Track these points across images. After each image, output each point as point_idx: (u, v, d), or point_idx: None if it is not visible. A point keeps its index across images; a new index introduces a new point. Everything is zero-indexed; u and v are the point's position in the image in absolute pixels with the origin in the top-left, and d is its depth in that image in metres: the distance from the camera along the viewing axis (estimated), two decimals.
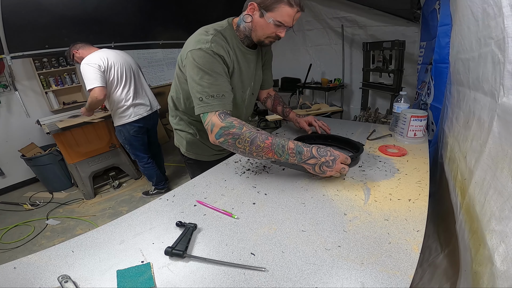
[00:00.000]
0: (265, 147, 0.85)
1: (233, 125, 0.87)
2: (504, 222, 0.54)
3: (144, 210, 0.83)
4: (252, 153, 0.87)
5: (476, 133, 0.76)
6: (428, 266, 0.95)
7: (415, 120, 1.18)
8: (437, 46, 1.27)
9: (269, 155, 0.87)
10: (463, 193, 0.80)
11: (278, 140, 0.86)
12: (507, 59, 0.59)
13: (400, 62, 2.82)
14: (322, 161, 0.84)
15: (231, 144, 0.88)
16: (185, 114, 1.22)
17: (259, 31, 0.96)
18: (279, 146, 0.85)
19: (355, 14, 3.28)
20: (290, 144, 0.86)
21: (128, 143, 2.41)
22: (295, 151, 0.85)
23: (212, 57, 0.91)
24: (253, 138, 0.85)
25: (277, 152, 0.86)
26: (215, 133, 0.88)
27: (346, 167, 0.85)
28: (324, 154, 0.84)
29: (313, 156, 0.84)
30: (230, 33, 1.01)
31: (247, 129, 0.86)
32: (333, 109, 2.93)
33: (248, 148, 0.86)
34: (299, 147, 0.86)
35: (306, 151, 0.85)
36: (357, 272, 0.56)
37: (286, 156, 0.86)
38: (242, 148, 0.87)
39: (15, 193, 3.13)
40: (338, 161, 0.84)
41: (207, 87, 0.89)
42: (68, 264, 0.63)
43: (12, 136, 3.08)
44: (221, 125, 0.87)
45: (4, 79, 2.93)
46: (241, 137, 0.86)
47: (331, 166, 0.84)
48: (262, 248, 0.65)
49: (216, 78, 0.91)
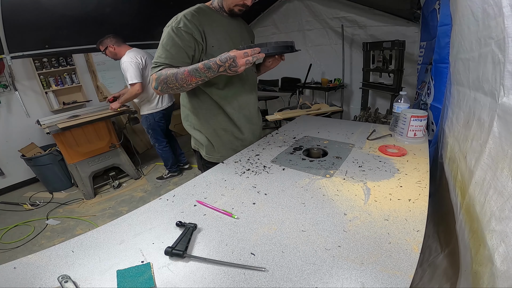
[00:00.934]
0: (186, 76, 0.99)
1: (161, 73, 1.03)
2: (504, 222, 0.54)
3: (144, 210, 0.83)
4: (182, 85, 1.02)
5: (476, 133, 0.76)
6: (428, 266, 0.95)
7: (415, 120, 1.18)
8: (437, 46, 1.27)
9: (193, 80, 1.00)
10: (463, 193, 0.80)
11: (192, 67, 0.99)
12: (507, 59, 0.59)
13: (400, 62, 2.82)
14: (227, 65, 0.94)
15: (166, 88, 1.04)
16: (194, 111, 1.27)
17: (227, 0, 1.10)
18: (194, 70, 0.98)
19: (355, 14, 3.27)
20: (200, 65, 0.98)
21: (152, 128, 2.78)
22: (205, 68, 0.97)
23: (169, 33, 1.04)
24: (175, 74, 1.00)
25: (195, 75, 0.98)
26: (153, 85, 1.06)
27: (250, 58, 0.93)
28: (225, 60, 0.94)
29: (220, 65, 0.95)
30: (205, 7, 1.15)
31: (171, 71, 1.01)
32: (333, 109, 2.92)
33: (177, 83, 1.01)
34: (207, 64, 0.96)
35: (213, 64, 0.95)
36: (357, 272, 0.56)
37: (203, 75, 0.98)
38: (173, 86, 1.02)
39: (15, 193, 3.13)
40: (238, 59, 0.93)
41: (156, 58, 1.07)
42: (68, 264, 0.63)
43: (12, 136, 3.08)
44: (155, 77, 1.04)
45: (4, 79, 2.93)
46: (168, 78, 1.01)
47: (236, 66, 0.93)
48: (262, 248, 0.65)
49: (164, 51, 1.05)
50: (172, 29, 1.04)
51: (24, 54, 2.49)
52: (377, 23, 3.19)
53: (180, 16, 1.07)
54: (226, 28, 1.17)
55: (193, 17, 1.07)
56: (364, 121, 2.77)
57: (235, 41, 1.20)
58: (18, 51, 2.44)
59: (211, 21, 1.13)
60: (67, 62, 3.36)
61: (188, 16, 1.07)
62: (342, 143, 1.28)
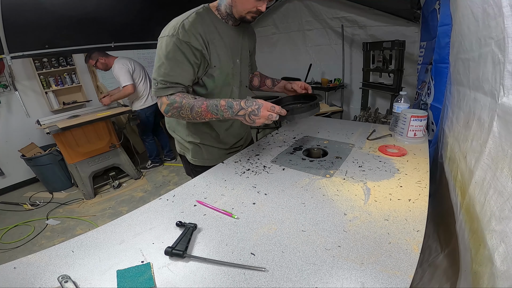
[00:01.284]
0: (202, 110, 0.95)
1: (175, 100, 0.97)
2: (504, 222, 0.54)
3: (144, 210, 0.83)
4: (195, 118, 0.98)
5: (476, 133, 0.76)
6: (428, 266, 0.95)
7: (415, 120, 1.18)
8: (437, 46, 1.27)
9: (208, 116, 0.96)
10: (463, 193, 0.80)
11: (212, 101, 0.95)
12: (507, 59, 0.59)
13: (400, 62, 2.82)
14: (249, 111, 0.91)
15: (177, 116, 1.00)
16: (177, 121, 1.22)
17: (239, 6, 0.97)
18: (213, 106, 0.94)
19: (355, 14, 3.27)
20: (222, 102, 0.94)
21: (142, 122, 3.16)
22: (226, 107, 0.93)
23: (175, 44, 0.94)
24: (192, 106, 0.95)
25: (213, 112, 0.95)
26: (163, 109, 1.00)
27: (273, 114, 0.91)
28: (250, 105, 0.91)
29: (242, 108, 0.92)
30: (207, 12, 1.03)
31: (186, 100, 0.96)
32: (333, 109, 2.93)
33: (190, 115, 0.97)
34: (230, 103, 0.93)
35: (236, 105, 0.92)
36: (357, 272, 0.56)
37: (220, 113, 0.94)
38: (186, 116, 0.98)
39: (15, 193, 3.13)
40: (263, 109, 0.90)
41: (162, 75, 0.97)
42: (68, 264, 0.63)
43: (12, 136, 3.08)
44: (167, 103, 0.98)
45: (4, 79, 2.93)
46: (183, 108, 0.96)
47: (257, 115, 0.90)
48: (262, 248, 0.65)
49: (173, 66, 0.96)
50: (178, 41, 0.92)
51: (24, 54, 2.49)
52: (377, 23, 3.19)
53: (187, 26, 0.94)
54: (228, 40, 1.07)
55: (198, 28, 0.96)
56: (364, 121, 2.77)
57: (234, 55, 1.12)
58: (18, 51, 2.44)
59: (214, 33, 1.02)
60: (67, 62, 3.35)
61: (194, 28, 0.95)
62: (342, 143, 1.28)
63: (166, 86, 0.97)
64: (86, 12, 2.37)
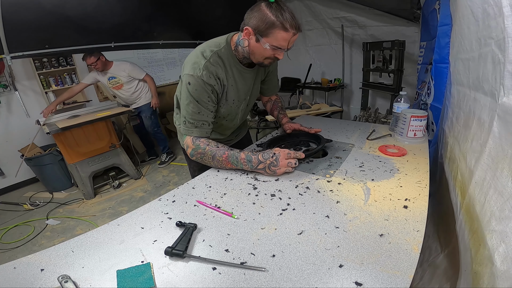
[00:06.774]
0: (223, 160, 1.01)
1: (200, 146, 1.04)
2: (504, 222, 0.54)
3: (144, 210, 0.83)
4: (216, 165, 1.05)
5: (476, 133, 0.76)
6: (428, 266, 0.95)
7: (415, 120, 1.18)
8: (437, 46, 1.27)
9: (228, 166, 1.03)
10: (463, 193, 0.80)
11: (232, 152, 1.01)
12: (507, 59, 0.59)
13: (400, 62, 2.82)
14: (268, 163, 0.96)
15: (200, 160, 1.07)
16: None
17: (257, 54, 0.98)
18: (233, 157, 1.00)
19: (355, 14, 3.27)
20: (242, 155, 1.00)
21: (153, 113, 3.27)
22: (246, 160, 0.99)
23: (202, 86, 0.98)
24: (214, 154, 1.02)
25: (233, 163, 1.01)
26: (189, 152, 1.07)
27: (292, 161, 0.96)
28: (267, 157, 0.96)
29: (260, 162, 0.97)
30: (226, 53, 1.03)
31: (209, 148, 1.03)
32: (333, 109, 2.93)
33: (212, 162, 1.04)
34: (249, 156, 0.99)
35: (254, 159, 0.97)
36: (357, 272, 0.56)
37: (240, 165, 1.00)
38: (208, 162, 1.05)
39: (15, 193, 3.12)
40: (281, 159, 0.95)
41: (191, 114, 1.02)
42: (68, 264, 0.63)
43: (12, 136, 3.08)
44: (192, 147, 1.05)
45: (4, 79, 2.93)
46: (206, 155, 1.03)
47: (277, 165, 0.95)
48: (262, 248, 0.65)
49: (200, 107, 1.01)
50: (203, 82, 0.96)
51: (24, 54, 2.49)
52: (377, 23, 3.19)
53: (210, 69, 0.98)
54: (241, 83, 1.11)
55: (219, 73, 1.00)
56: (364, 121, 2.78)
57: (243, 95, 1.16)
58: (18, 51, 2.43)
59: (230, 78, 1.06)
60: (67, 62, 3.35)
61: (216, 72, 0.99)
62: (342, 143, 1.28)
63: (193, 125, 1.03)
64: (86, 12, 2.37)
